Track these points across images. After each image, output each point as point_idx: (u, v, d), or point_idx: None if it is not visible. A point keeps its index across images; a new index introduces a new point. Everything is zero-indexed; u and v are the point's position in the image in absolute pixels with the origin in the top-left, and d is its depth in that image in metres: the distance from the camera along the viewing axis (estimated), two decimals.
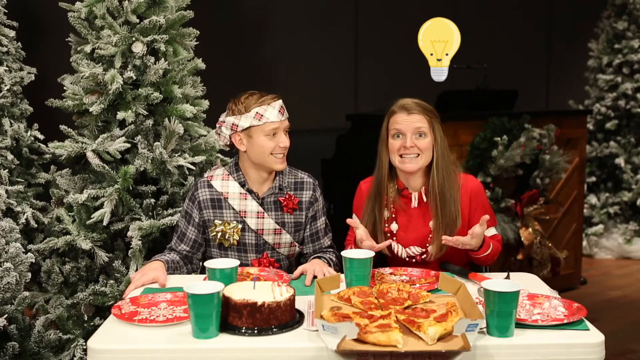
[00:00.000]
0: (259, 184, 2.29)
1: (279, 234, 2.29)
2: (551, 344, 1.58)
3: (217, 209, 2.28)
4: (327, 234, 2.40)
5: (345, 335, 1.51)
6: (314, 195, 2.34)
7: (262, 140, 2.20)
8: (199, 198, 2.28)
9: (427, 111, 2.24)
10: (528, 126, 3.95)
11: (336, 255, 2.35)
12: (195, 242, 2.31)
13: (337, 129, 4.64)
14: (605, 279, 4.84)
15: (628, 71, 5.43)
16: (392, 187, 2.30)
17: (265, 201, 2.28)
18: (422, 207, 2.29)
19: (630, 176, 5.39)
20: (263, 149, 2.20)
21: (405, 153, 2.22)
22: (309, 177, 2.37)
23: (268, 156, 2.21)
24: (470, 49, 3.18)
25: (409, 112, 2.23)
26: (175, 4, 2.82)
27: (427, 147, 2.22)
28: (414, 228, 2.29)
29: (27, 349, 2.43)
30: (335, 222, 2.64)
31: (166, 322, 1.69)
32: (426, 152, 2.23)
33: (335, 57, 5.53)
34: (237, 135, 2.23)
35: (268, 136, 2.20)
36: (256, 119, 2.18)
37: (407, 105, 2.24)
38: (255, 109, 2.18)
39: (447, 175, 2.24)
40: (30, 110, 3.41)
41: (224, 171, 2.31)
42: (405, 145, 2.21)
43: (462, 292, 1.78)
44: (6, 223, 2.46)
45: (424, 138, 2.22)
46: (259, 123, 2.18)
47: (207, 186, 2.29)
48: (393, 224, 2.30)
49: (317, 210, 2.36)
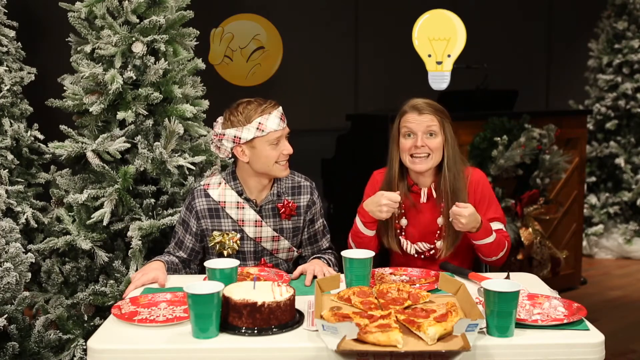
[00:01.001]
0: (257, 191, 2.27)
1: (277, 240, 2.28)
2: (551, 344, 1.58)
3: (214, 218, 2.26)
4: (325, 235, 2.40)
5: (345, 335, 1.51)
6: (311, 198, 2.33)
7: (266, 150, 2.16)
8: (197, 208, 2.27)
9: (438, 111, 2.27)
10: (528, 126, 3.95)
11: (335, 256, 2.35)
12: (192, 250, 2.30)
13: (337, 129, 4.64)
14: (605, 279, 4.84)
15: (628, 71, 5.43)
16: (402, 184, 2.33)
17: (263, 208, 2.27)
18: (430, 202, 2.32)
19: (630, 176, 5.39)
20: (268, 159, 2.17)
21: (416, 153, 2.24)
22: (306, 180, 2.35)
23: (273, 165, 2.19)
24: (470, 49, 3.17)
25: (420, 112, 2.25)
26: (175, 4, 2.82)
27: (437, 147, 2.25)
28: (422, 223, 2.31)
29: (27, 349, 2.43)
30: (335, 222, 2.64)
31: (166, 322, 1.69)
32: (436, 152, 2.25)
33: (335, 57, 5.53)
34: (239, 147, 2.18)
35: (272, 145, 2.17)
36: (259, 130, 2.14)
37: (418, 105, 2.26)
38: (257, 119, 2.14)
39: (457, 175, 2.27)
40: (30, 110, 3.41)
41: (220, 179, 2.29)
42: (416, 145, 2.24)
43: (462, 292, 1.78)
44: (6, 223, 2.46)
45: (435, 138, 2.25)
46: (262, 134, 2.14)
47: (204, 195, 2.27)
48: (402, 219, 2.33)
49: (315, 213, 2.35)
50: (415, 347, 1.52)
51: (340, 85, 5.60)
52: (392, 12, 5.57)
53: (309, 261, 2.26)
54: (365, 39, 5.66)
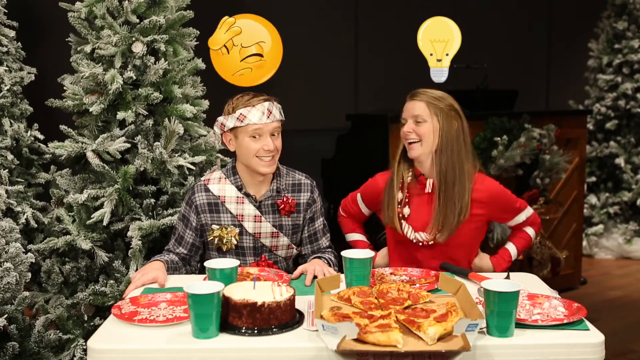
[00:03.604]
0: (255, 186, 2.28)
1: (277, 236, 2.28)
2: (551, 344, 1.58)
3: (214, 213, 2.27)
4: (325, 234, 2.40)
5: (345, 335, 1.51)
6: (311, 196, 2.34)
7: (246, 141, 2.20)
8: (196, 202, 2.28)
9: (431, 98, 2.29)
10: (528, 126, 3.95)
11: (335, 255, 2.35)
12: (193, 246, 2.31)
13: (337, 129, 4.64)
14: (605, 279, 4.84)
15: (628, 71, 5.43)
16: (409, 172, 2.37)
17: (263, 204, 2.28)
18: (434, 194, 2.33)
19: (630, 176, 5.39)
20: (248, 150, 2.20)
21: (407, 138, 2.30)
22: (306, 179, 2.36)
23: (253, 158, 2.20)
24: (470, 49, 3.17)
25: (411, 99, 2.31)
26: (175, 4, 2.82)
27: (425, 133, 2.27)
28: (424, 213, 2.33)
29: (27, 349, 2.43)
30: (334, 222, 2.64)
31: (166, 322, 1.69)
32: (426, 139, 2.28)
33: (335, 57, 5.53)
34: (226, 135, 2.25)
35: (252, 138, 2.19)
36: (239, 120, 2.19)
37: (413, 92, 2.33)
38: (240, 110, 2.19)
39: (451, 164, 2.27)
40: (30, 110, 3.41)
41: (220, 174, 2.31)
42: (404, 130, 2.30)
43: (462, 292, 1.78)
44: (6, 223, 2.46)
45: (423, 124, 2.28)
46: (241, 124, 2.19)
47: (204, 190, 2.29)
48: (406, 207, 2.35)
49: (315, 212, 2.35)
50: (415, 347, 1.52)
51: (340, 85, 5.60)
52: (392, 12, 5.58)
53: (309, 261, 2.26)
54: (366, 38, 5.66)
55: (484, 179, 2.36)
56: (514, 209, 2.39)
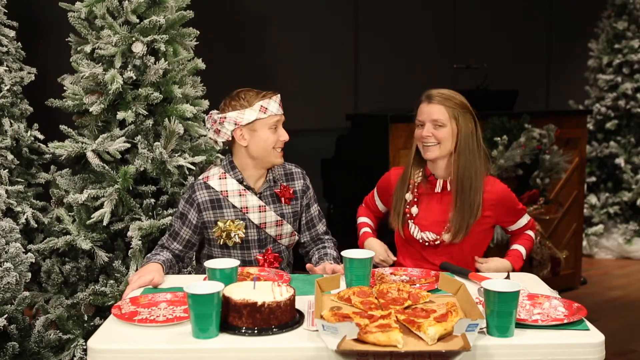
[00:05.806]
0: (255, 179, 2.30)
1: (281, 225, 2.31)
2: (551, 344, 1.58)
3: (217, 209, 2.28)
4: (322, 220, 2.45)
5: (345, 335, 1.51)
6: (305, 183, 2.39)
7: (266, 133, 2.22)
8: (198, 200, 2.28)
9: (449, 101, 2.28)
10: (528, 126, 3.95)
11: (334, 241, 2.44)
12: (188, 242, 2.31)
13: (337, 129, 4.65)
14: (605, 279, 4.84)
15: (628, 71, 5.43)
16: (419, 172, 2.37)
17: (263, 195, 2.31)
18: (444, 194, 2.33)
19: (630, 176, 5.39)
20: (266, 142, 2.22)
21: (425, 141, 2.29)
22: (296, 167, 2.41)
23: (271, 150, 2.24)
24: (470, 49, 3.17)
25: (429, 102, 2.29)
26: (175, 4, 2.82)
27: (444, 137, 2.27)
28: (432, 213, 2.34)
29: (27, 349, 2.43)
30: (335, 222, 2.64)
31: (166, 322, 1.69)
32: (445, 141, 2.27)
33: (335, 57, 5.53)
34: (239, 130, 2.23)
35: (271, 129, 2.23)
36: (262, 112, 2.20)
37: (429, 95, 2.30)
38: (259, 103, 2.20)
39: (469, 166, 2.27)
40: (30, 110, 3.41)
41: (219, 170, 2.32)
42: (423, 134, 2.29)
43: (462, 292, 1.78)
44: (6, 223, 2.46)
45: (442, 128, 2.27)
46: (264, 116, 2.20)
47: (205, 187, 2.29)
48: (414, 207, 2.36)
49: (309, 198, 2.41)
50: (415, 347, 1.52)
51: (340, 85, 5.61)
52: (392, 12, 5.58)
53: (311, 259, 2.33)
54: (365, 38, 5.66)
55: (494, 181, 2.37)
56: (518, 211, 2.39)
